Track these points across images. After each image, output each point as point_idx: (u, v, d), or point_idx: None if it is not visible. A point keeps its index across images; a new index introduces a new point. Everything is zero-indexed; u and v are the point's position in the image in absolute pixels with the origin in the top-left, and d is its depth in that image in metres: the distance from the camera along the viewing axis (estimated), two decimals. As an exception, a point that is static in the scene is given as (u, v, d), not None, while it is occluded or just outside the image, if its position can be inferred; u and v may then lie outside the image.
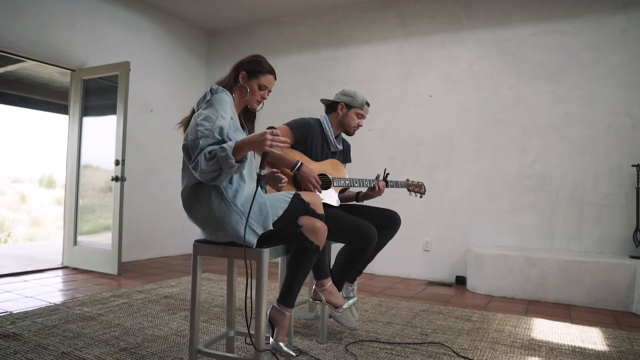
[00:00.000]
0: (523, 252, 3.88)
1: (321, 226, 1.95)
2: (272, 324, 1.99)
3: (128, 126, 4.35)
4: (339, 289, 2.49)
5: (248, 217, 1.77)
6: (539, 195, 4.15)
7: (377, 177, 2.68)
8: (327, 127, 2.67)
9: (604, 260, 3.57)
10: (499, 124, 4.34)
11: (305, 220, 1.95)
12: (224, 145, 1.67)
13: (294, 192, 1.99)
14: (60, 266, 4.59)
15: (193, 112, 1.90)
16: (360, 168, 4.28)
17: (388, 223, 2.66)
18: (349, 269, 2.46)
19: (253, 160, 2.01)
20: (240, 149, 1.67)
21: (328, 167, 2.61)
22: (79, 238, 4.59)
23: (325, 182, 2.56)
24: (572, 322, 3.09)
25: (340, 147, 2.76)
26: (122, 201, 4.20)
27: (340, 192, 2.69)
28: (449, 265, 4.51)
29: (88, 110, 4.62)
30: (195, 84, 5.94)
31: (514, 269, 3.83)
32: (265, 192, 2.11)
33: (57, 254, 5.18)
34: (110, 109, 4.40)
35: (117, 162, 4.21)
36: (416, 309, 3.31)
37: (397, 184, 2.77)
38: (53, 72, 5.83)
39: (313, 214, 2.00)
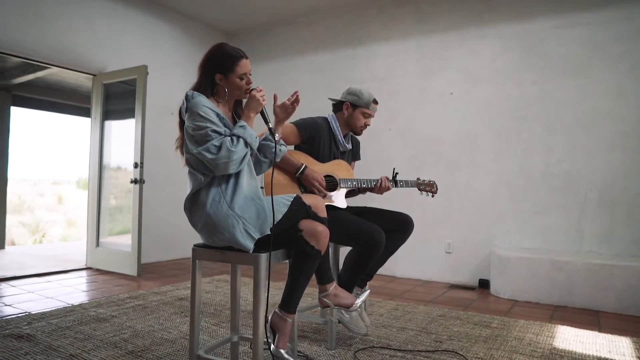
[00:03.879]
0: (549, 255, 3.70)
1: (322, 230, 1.89)
2: (273, 330, 1.95)
3: (148, 129, 4.41)
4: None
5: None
6: (566, 195, 3.96)
7: (387, 178, 2.60)
8: (335, 126, 2.60)
9: (637, 264, 3.37)
10: (522, 120, 4.17)
11: (306, 224, 1.89)
12: (238, 125, 1.80)
13: (294, 195, 1.94)
14: (84, 267, 4.70)
15: (180, 119, 1.87)
16: (380, 168, 4.18)
17: (400, 227, 2.56)
18: (357, 273, 2.38)
19: (250, 160, 1.96)
20: (248, 120, 1.86)
21: (334, 168, 2.54)
22: (105, 239, 4.69)
23: (332, 184, 2.50)
24: (600, 331, 2.92)
25: (349, 146, 2.69)
26: (141, 203, 4.25)
27: (348, 193, 2.63)
28: (471, 267, 4.36)
29: (115, 113, 4.72)
30: (215, 86, 5.97)
31: (538, 273, 3.66)
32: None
33: (84, 255, 5.31)
34: (133, 112, 4.46)
35: (135, 165, 4.27)
36: (433, 314, 3.20)
37: (407, 184, 2.68)
38: (80, 77, 5.98)
39: (315, 217, 1.94)
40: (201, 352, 1.90)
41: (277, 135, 1.98)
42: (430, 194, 2.78)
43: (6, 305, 3.23)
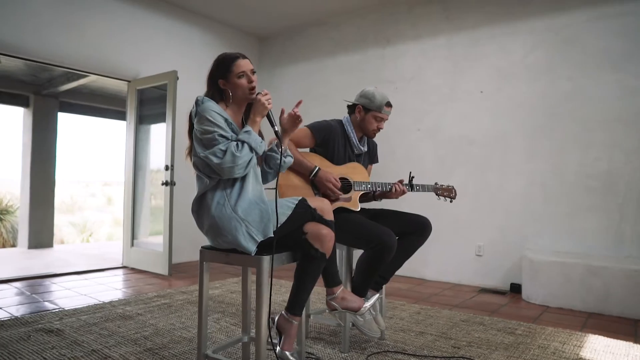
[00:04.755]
0: (583, 260, 3.52)
1: (327, 233, 1.88)
2: (279, 332, 1.96)
3: (179, 132, 4.54)
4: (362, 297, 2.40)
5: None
6: (604, 196, 3.75)
7: (401, 182, 2.56)
8: (349, 129, 2.59)
9: (680, 271, 3.15)
10: (556, 118, 3.98)
11: (310, 227, 1.89)
12: (243, 131, 1.83)
13: (300, 198, 1.94)
14: (120, 266, 4.90)
15: (190, 123, 1.91)
16: (409, 168, 4.12)
17: (417, 229, 2.52)
18: (370, 277, 2.35)
19: (256, 164, 1.98)
20: (254, 125, 1.87)
21: (349, 170, 2.53)
22: (145, 239, 4.88)
23: (346, 186, 2.48)
24: (635, 341, 2.74)
25: (364, 148, 2.66)
26: (172, 205, 4.38)
27: (363, 197, 2.60)
28: (503, 271, 4.21)
29: (152, 117, 4.90)
30: (246, 89, 6.07)
31: (572, 278, 3.49)
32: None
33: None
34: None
35: (166, 167, 4.41)
36: (456, 319, 3.11)
37: (424, 188, 2.62)
38: (119, 83, 6.26)
39: (320, 220, 1.94)
40: (209, 352, 1.94)
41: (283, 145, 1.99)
42: (448, 199, 2.70)
43: (44, 301, 3.42)
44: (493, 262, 4.27)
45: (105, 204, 18.90)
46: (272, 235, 1.82)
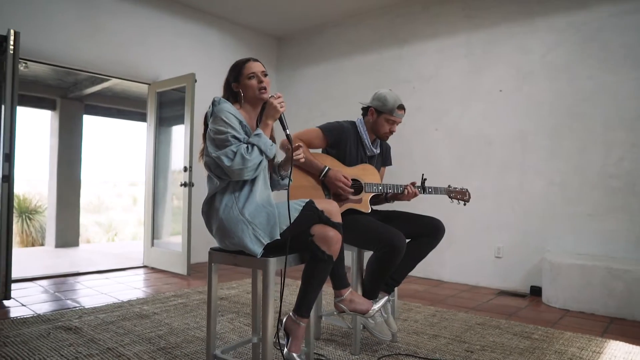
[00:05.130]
0: (605, 262, 3.42)
1: (334, 235, 1.88)
2: (287, 333, 1.97)
3: (198, 134, 4.60)
4: (373, 299, 2.39)
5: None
6: (628, 197, 3.63)
7: (413, 184, 2.53)
8: (362, 131, 2.58)
9: None
10: (577, 117, 3.88)
11: (317, 229, 1.89)
12: (254, 134, 1.83)
13: (307, 200, 1.95)
14: (141, 265, 5.00)
15: (205, 125, 1.95)
16: (427, 169, 4.11)
17: (430, 232, 2.49)
18: (380, 279, 2.34)
19: (266, 168, 2.00)
20: (266, 128, 1.88)
21: (360, 171, 2.52)
22: (167, 239, 4.97)
23: (357, 187, 2.47)
24: (658, 347, 2.65)
25: (377, 150, 2.65)
26: (190, 206, 4.45)
27: (374, 200, 2.59)
28: (522, 273, 4.13)
29: (173, 119, 4.99)
30: (265, 91, 6.11)
31: (593, 281, 3.39)
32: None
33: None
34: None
35: (185, 169, 4.48)
36: (472, 322, 3.07)
37: (436, 190, 2.59)
38: (141, 86, 6.39)
39: (327, 222, 1.94)
40: (217, 352, 1.96)
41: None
42: (462, 202, 2.67)
43: (66, 299, 3.52)
44: (512, 264, 4.19)
45: (131, 204, 19.29)
46: (279, 238, 1.83)
